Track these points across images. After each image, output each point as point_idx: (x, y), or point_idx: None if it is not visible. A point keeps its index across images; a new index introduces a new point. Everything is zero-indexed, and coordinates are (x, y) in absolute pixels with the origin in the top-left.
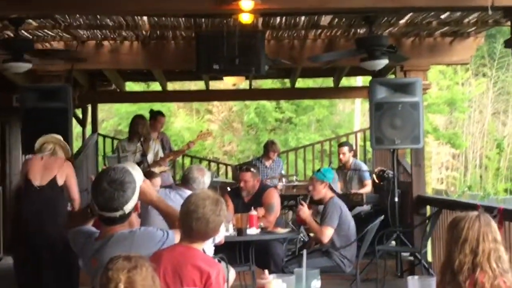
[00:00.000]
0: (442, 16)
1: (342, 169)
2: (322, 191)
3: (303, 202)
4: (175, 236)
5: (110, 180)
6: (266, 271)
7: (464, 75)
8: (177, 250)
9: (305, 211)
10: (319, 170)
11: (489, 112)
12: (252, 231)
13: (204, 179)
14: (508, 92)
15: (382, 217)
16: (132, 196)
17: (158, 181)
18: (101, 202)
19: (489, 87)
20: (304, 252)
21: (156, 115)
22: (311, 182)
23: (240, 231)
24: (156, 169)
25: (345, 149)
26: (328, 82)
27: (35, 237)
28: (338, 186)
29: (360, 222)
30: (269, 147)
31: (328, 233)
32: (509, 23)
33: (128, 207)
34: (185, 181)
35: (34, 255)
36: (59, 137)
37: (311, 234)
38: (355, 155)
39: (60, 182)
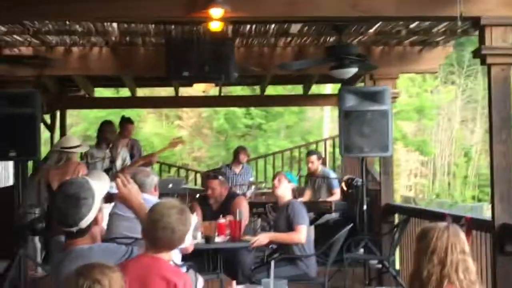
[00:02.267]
0: (411, 26)
1: (311, 177)
2: (286, 191)
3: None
4: (141, 252)
5: (65, 196)
6: (234, 283)
7: (433, 83)
8: (143, 260)
9: (263, 237)
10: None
11: (457, 120)
12: (221, 239)
13: (150, 179)
14: (476, 100)
15: (351, 225)
16: (88, 213)
17: None
18: (57, 217)
19: (457, 95)
20: (272, 263)
21: (123, 123)
22: (278, 178)
23: (208, 239)
24: None
25: (314, 157)
26: (298, 89)
27: None
28: (307, 194)
29: (328, 230)
30: (239, 151)
31: (303, 231)
32: (477, 33)
33: (84, 223)
34: None
35: None
36: (68, 140)
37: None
38: (324, 163)
39: None
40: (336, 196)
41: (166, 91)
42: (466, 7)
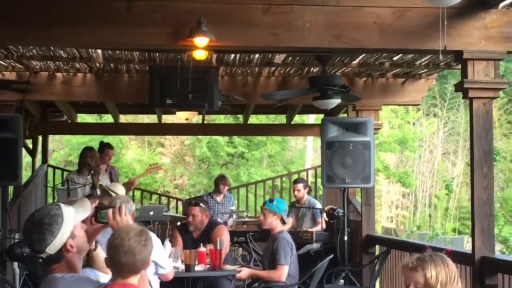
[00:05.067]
0: (395, 58)
1: (294, 205)
2: (274, 223)
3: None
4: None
5: (31, 222)
6: None
7: (415, 115)
8: None
9: (244, 272)
10: (271, 201)
11: (439, 152)
12: (201, 267)
13: (129, 205)
14: (458, 132)
15: (332, 255)
16: (53, 239)
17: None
18: (26, 243)
19: (439, 127)
20: None
21: (104, 148)
22: (262, 212)
23: (188, 267)
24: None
25: (300, 185)
26: (281, 118)
27: None
28: (289, 222)
29: (309, 260)
30: (219, 181)
31: (284, 272)
32: (459, 66)
33: (50, 250)
34: None
35: None
36: (118, 187)
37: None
38: (309, 192)
39: None
40: (321, 225)
41: (149, 118)
42: (449, 41)
